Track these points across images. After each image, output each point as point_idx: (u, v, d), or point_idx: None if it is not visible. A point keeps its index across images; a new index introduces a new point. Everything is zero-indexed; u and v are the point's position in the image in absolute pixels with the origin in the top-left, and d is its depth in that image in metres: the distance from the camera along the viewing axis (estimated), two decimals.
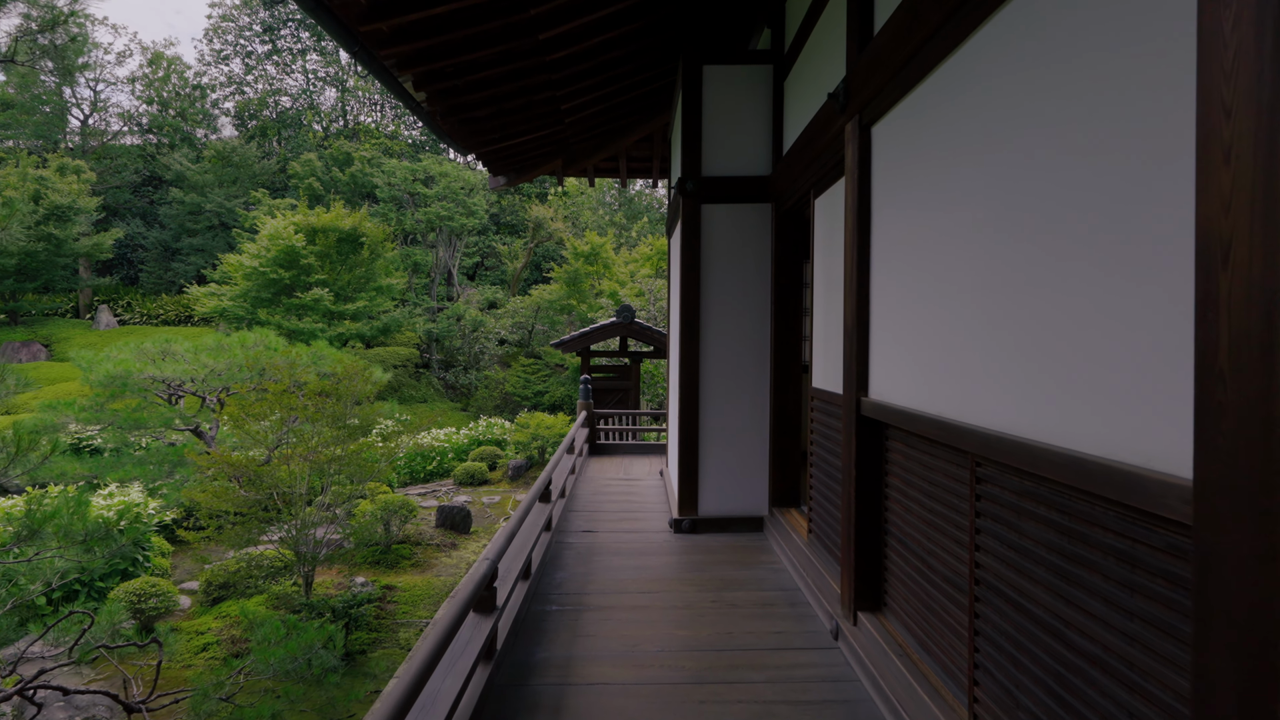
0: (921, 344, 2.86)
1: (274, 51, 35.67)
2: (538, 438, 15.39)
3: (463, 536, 10.79)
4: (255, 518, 6.62)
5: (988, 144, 2.32)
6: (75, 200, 25.00)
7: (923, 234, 2.86)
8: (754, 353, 5.86)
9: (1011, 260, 2.18)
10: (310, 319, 19.41)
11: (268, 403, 6.73)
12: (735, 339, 5.85)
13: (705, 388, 5.85)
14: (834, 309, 4.17)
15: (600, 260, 23.94)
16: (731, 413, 5.86)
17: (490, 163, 8.98)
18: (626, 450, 10.38)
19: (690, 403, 5.84)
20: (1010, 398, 2.17)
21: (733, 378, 5.86)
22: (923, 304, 2.84)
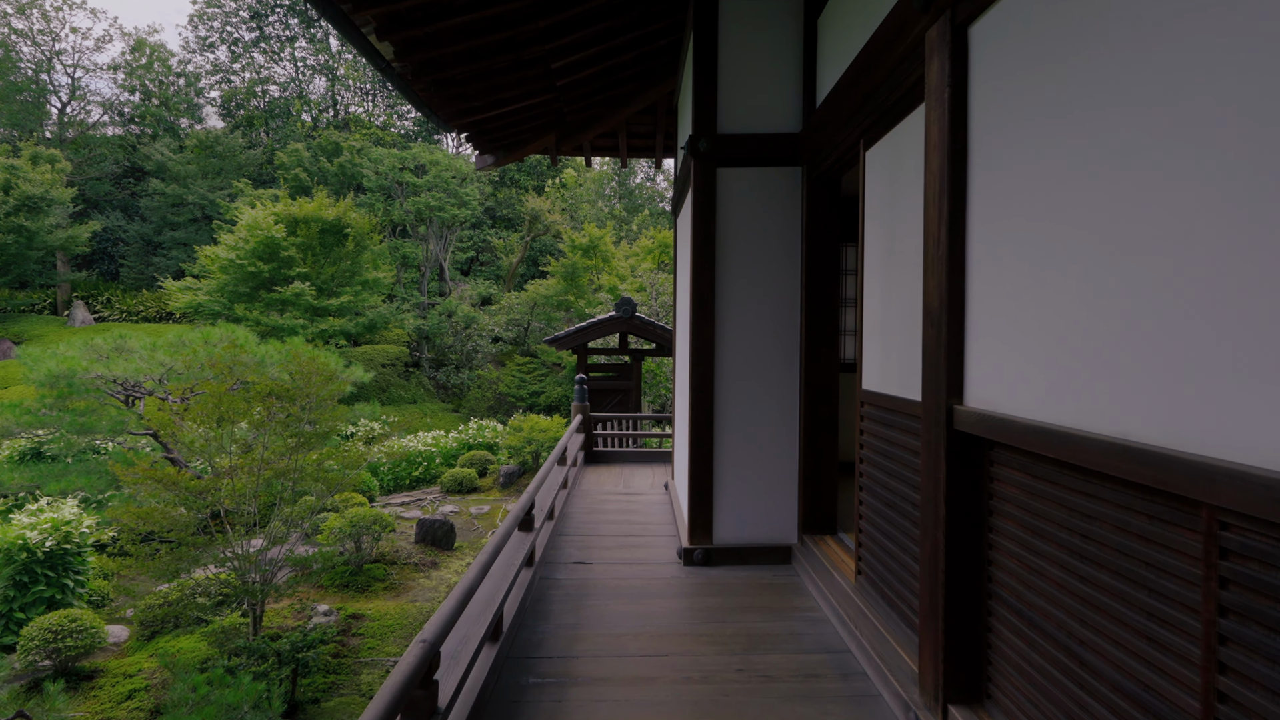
0: (1073, 327, 1.90)
1: (261, 38, 34.70)
2: (531, 442, 14.45)
3: (445, 553, 9.84)
4: (187, 543, 5.65)
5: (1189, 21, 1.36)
6: (48, 190, 24.02)
7: (1071, 171, 1.90)
8: (780, 347, 4.91)
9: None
10: (290, 315, 18.44)
11: (205, 406, 5.79)
12: (757, 331, 4.90)
13: (721, 390, 4.90)
14: (900, 289, 3.21)
15: (599, 253, 22.98)
16: (753, 419, 4.90)
17: (476, 138, 8.04)
18: (627, 459, 9.42)
19: (703, 408, 4.89)
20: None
21: (754, 378, 4.90)
22: (1076, 271, 1.89)
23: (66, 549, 7.02)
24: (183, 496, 5.48)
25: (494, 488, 14.51)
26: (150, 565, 5.66)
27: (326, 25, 34.94)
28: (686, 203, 5.71)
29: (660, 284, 18.82)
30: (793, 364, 4.91)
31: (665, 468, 8.95)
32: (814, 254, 4.80)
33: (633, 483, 7.98)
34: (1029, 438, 2.09)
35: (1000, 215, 2.30)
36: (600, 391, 12.53)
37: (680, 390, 6.48)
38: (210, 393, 5.82)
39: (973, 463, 2.49)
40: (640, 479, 8.19)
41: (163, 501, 5.68)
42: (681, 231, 6.55)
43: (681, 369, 6.36)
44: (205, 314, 19.12)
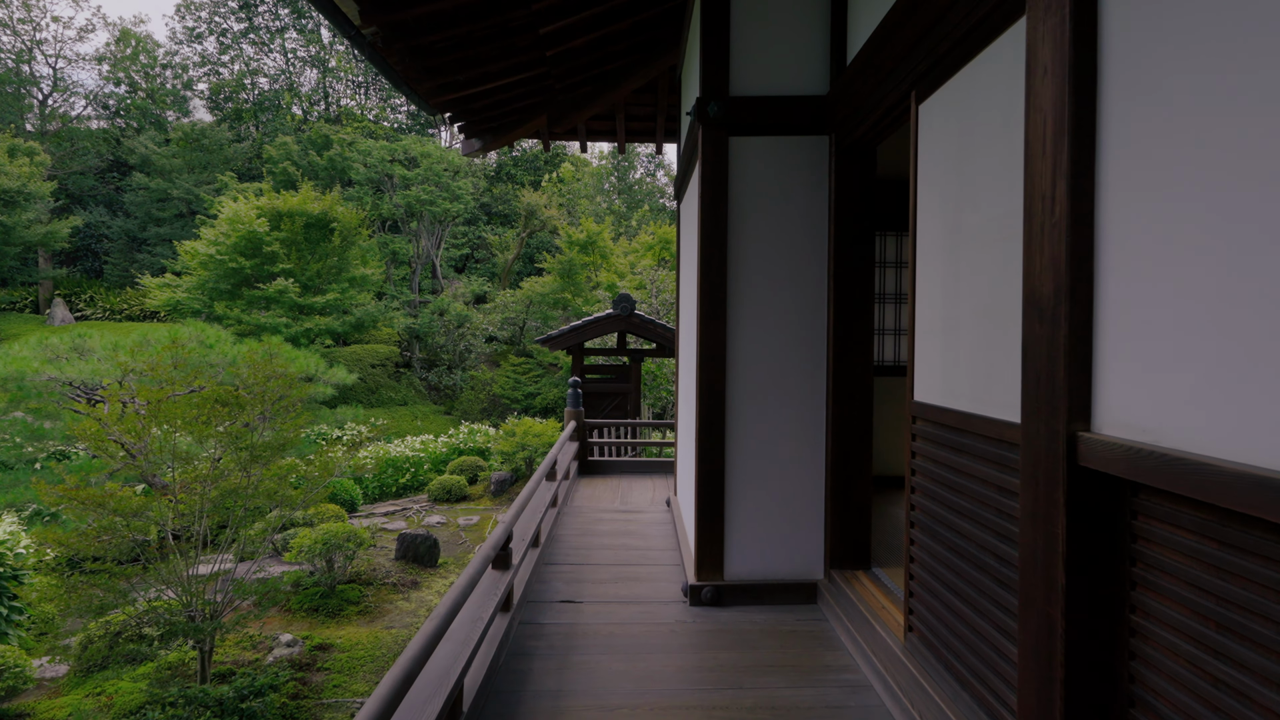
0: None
1: (251, 29, 33.98)
2: (525, 447, 13.75)
3: (427, 571, 9.12)
4: (115, 572, 4.94)
5: None
6: (25, 184, 23.29)
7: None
8: (802, 348, 4.20)
9: None
10: (273, 313, 17.72)
11: (141, 416, 5.07)
12: (776, 329, 4.19)
13: (734, 396, 4.19)
14: (975, 275, 2.50)
15: (597, 250, 22.27)
16: (771, 430, 4.19)
17: (461, 118, 7.34)
18: (625, 469, 8.71)
19: (712, 417, 4.18)
20: None
21: (772, 383, 4.19)
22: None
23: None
24: (108, 520, 4.77)
25: (484, 496, 13.80)
26: (73, 598, 4.94)
27: (318, 16, 34.23)
28: (693, 181, 5.00)
29: (661, 281, 18.11)
30: (818, 366, 4.19)
31: (667, 480, 8.24)
32: (844, 240, 4.09)
33: (631, 498, 7.27)
34: (1211, 483, 1.39)
35: (1157, 157, 1.59)
36: (597, 395, 11.82)
37: (685, 395, 5.78)
38: (148, 399, 5.10)
39: (1108, 514, 1.78)
40: (639, 493, 7.48)
41: (93, 523, 4.96)
42: (686, 216, 5.84)
43: (686, 372, 5.65)
44: (185, 312, 18.40)
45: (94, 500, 4.83)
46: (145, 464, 5.06)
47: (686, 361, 5.74)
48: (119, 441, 5.16)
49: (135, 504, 4.99)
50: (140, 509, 4.99)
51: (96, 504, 4.84)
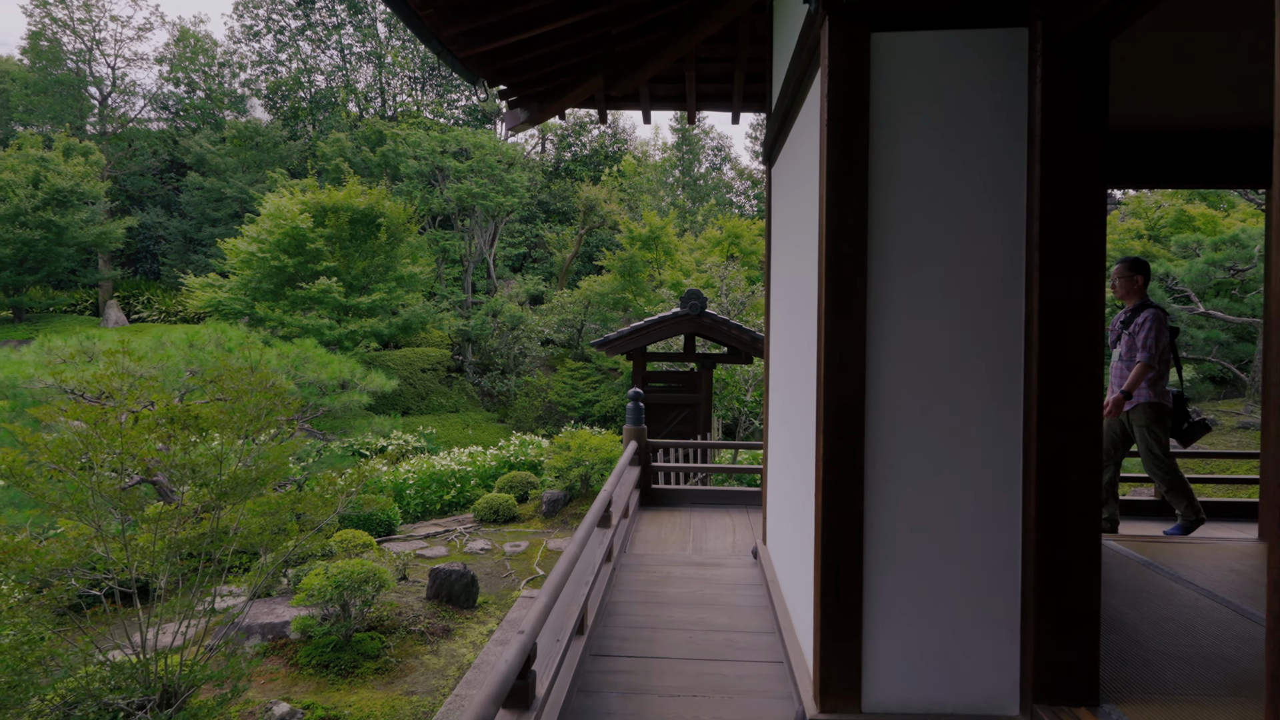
0: None
1: (307, 26, 33.84)
2: (580, 463, 12.49)
3: (462, 615, 7.90)
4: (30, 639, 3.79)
5: None
6: (79, 184, 23.22)
7: None
8: (982, 351, 2.76)
9: None
10: (316, 314, 16.91)
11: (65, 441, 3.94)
12: (942, 324, 2.77)
13: (876, 424, 2.78)
14: None
15: (660, 245, 20.94)
16: (933, 478, 2.77)
17: (502, 78, 6.09)
18: (696, 501, 7.31)
19: (844, 456, 2.78)
20: None
21: (937, 407, 2.77)
22: None
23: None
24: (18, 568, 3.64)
25: (535, 516, 12.59)
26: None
27: (375, 10, 33.93)
28: (806, 114, 3.59)
29: (731, 278, 16.67)
30: (1010, 378, 2.75)
31: (749, 517, 6.81)
32: (1057, 187, 2.64)
33: (707, 541, 5.88)
34: None
35: None
36: (660, 406, 10.47)
37: (780, 414, 4.37)
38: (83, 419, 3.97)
39: None
40: (716, 535, 6.08)
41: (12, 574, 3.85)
42: (786, 178, 4.42)
43: (781, 384, 4.25)
44: (227, 313, 17.79)
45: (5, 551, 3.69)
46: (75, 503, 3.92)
47: (781, 370, 4.34)
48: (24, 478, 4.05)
49: (56, 557, 3.84)
50: (63, 564, 3.84)
51: (9, 554, 3.71)
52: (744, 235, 21.73)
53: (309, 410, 11.71)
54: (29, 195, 22.10)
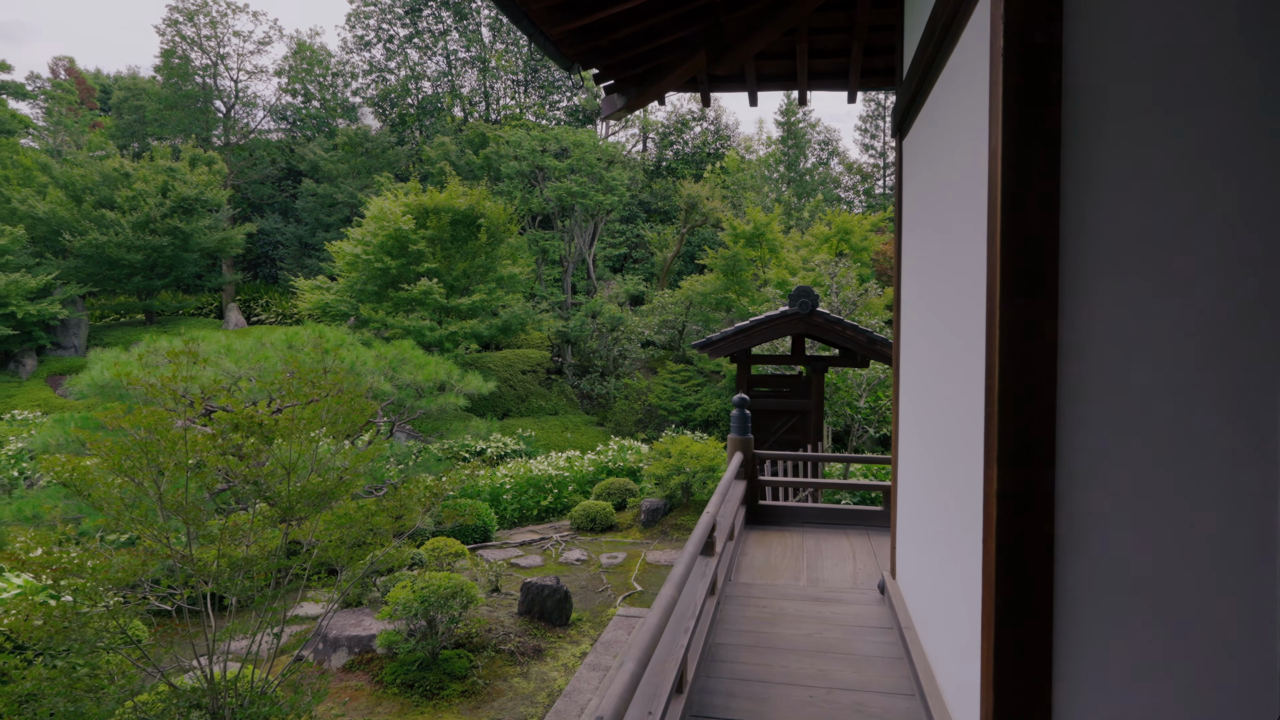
0: None
1: (415, 34, 34.74)
2: (680, 471, 11.98)
3: (555, 633, 7.48)
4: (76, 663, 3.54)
5: None
6: (203, 192, 24.45)
7: None
8: (1248, 355, 2.03)
9: None
10: (417, 316, 17.05)
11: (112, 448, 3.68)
12: (1188, 311, 2.05)
13: (1073, 458, 2.10)
14: None
15: (765, 243, 20.16)
16: (1155, 517, 2.06)
17: (597, 60, 5.63)
18: (808, 519, 6.63)
19: (1027, 489, 2.11)
20: None
21: (1176, 427, 2.05)
22: None
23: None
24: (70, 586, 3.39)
25: (634, 526, 12.14)
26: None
27: (479, 15, 34.53)
28: (961, 52, 2.90)
29: (842, 276, 15.75)
30: (1269, 402, 2.01)
31: (870, 540, 6.08)
32: None
33: (822, 569, 5.21)
34: None
35: None
36: (766, 413, 9.79)
37: (918, 429, 3.69)
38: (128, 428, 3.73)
39: None
40: (834, 562, 5.40)
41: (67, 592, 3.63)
42: (933, 138, 3.72)
43: (921, 393, 3.56)
44: (333, 315, 18.21)
45: (59, 567, 3.46)
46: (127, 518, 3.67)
47: (918, 375, 3.66)
48: (86, 486, 3.82)
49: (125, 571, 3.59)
50: (120, 581, 3.58)
51: (63, 569, 3.47)
52: (854, 231, 20.68)
53: (406, 412, 11.65)
54: (158, 204, 23.40)
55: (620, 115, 6.56)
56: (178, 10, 29.50)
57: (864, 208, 33.98)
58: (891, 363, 5.64)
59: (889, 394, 13.61)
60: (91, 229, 22.61)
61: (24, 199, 22.44)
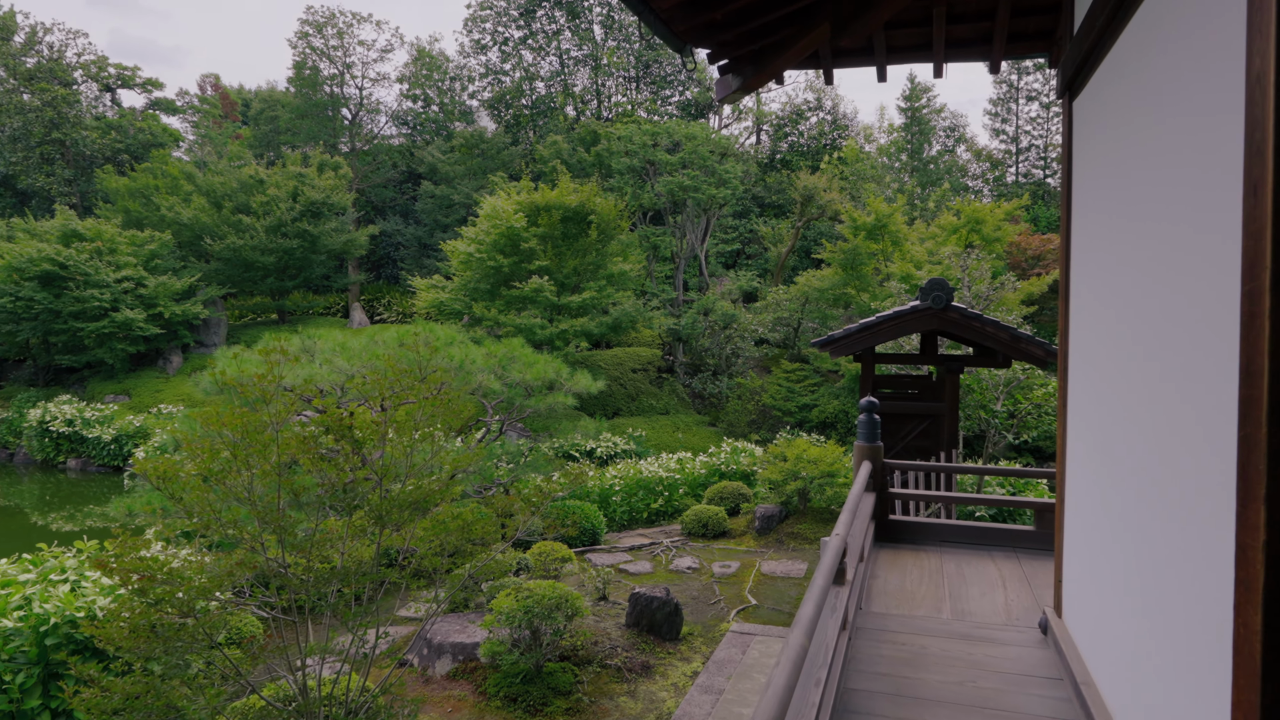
0: None
1: (529, 35, 35.28)
2: (797, 475, 11.36)
3: (664, 648, 7.09)
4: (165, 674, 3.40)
5: None
6: (329, 196, 25.57)
7: None
8: None
9: None
10: (529, 314, 17.08)
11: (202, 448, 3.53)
12: None
13: None
14: None
15: (887, 235, 19.13)
16: None
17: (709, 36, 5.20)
18: (946, 538, 5.95)
19: None
20: None
21: None
22: None
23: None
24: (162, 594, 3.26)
25: (747, 533, 11.61)
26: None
27: (592, 14, 34.71)
28: None
29: (974, 268, 14.65)
30: None
31: (1021, 565, 5.36)
32: None
33: (967, 599, 4.58)
34: None
35: None
36: (892, 417, 9.07)
37: (1101, 445, 3.06)
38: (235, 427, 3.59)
39: None
40: (980, 591, 4.75)
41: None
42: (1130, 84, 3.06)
43: (1107, 400, 2.93)
44: (447, 313, 18.53)
45: (144, 572, 3.33)
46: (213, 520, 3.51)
47: (1103, 379, 3.03)
48: (174, 488, 3.70)
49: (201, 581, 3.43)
50: (209, 586, 3.42)
51: (150, 575, 3.34)
52: (986, 221, 19.30)
53: (515, 411, 11.56)
54: (289, 208, 24.61)
55: (735, 98, 6.08)
56: (308, 24, 31.01)
57: (993, 197, 31.97)
58: (1044, 364, 4.92)
59: (1030, 397, 12.50)
60: (230, 233, 24.03)
61: (171, 206, 24.07)
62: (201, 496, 3.64)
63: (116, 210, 24.80)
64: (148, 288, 21.95)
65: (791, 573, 9.70)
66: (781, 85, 6.47)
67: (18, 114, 26.86)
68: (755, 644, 7.07)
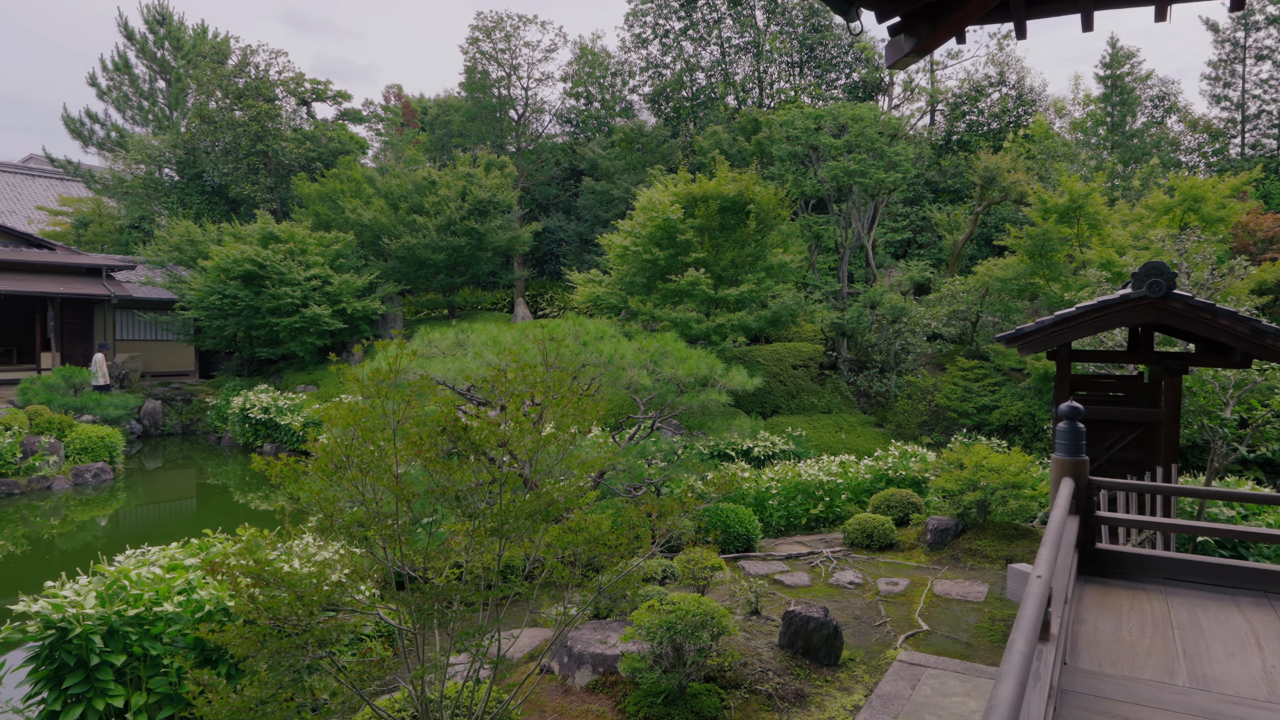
0: None
1: (690, 26, 34.92)
2: (975, 486, 10.25)
3: (821, 674, 6.43)
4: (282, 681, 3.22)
5: None
6: (495, 194, 26.42)
7: None
8: None
9: None
10: (685, 307, 16.69)
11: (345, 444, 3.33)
12: None
13: None
14: None
15: (1084, 217, 17.12)
16: None
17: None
18: (1168, 573, 4.91)
19: None
20: None
21: None
22: None
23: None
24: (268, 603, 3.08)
25: (918, 546, 10.63)
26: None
27: (752, 1, 33.86)
28: None
29: (1194, 253, 12.70)
30: None
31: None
32: None
33: (1209, 659, 3.65)
34: None
35: None
36: (1093, 424, 7.87)
37: None
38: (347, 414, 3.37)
39: None
40: (1226, 649, 3.78)
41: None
42: None
43: None
44: (603, 307, 18.50)
45: (256, 575, 3.16)
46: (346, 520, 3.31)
47: None
48: (294, 489, 3.52)
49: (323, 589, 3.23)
50: (328, 594, 3.21)
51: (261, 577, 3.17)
52: (1206, 198, 16.82)
53: (667, 408, 11.18)
54: (458, 207, 25.66)
55: (908, 62, 5.30)
56: (478, 29, 32.23)
57: (1213, 172, 28.14)
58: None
59: (1270, 402, 10.63)
60: (405, 232, 25.38)
61: (353, 209, 25.74)
62: (319, 495, 3.45)
63: (308, 214, 26.84)
64: (333, 285, 23.57)
65: (969, 595, 8.70)
66: (962, 43, 5.58)
67: (229, 129, 29.70)
68: (927, 679, 6.26)
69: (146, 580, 5.66)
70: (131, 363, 25.76)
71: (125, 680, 5.21)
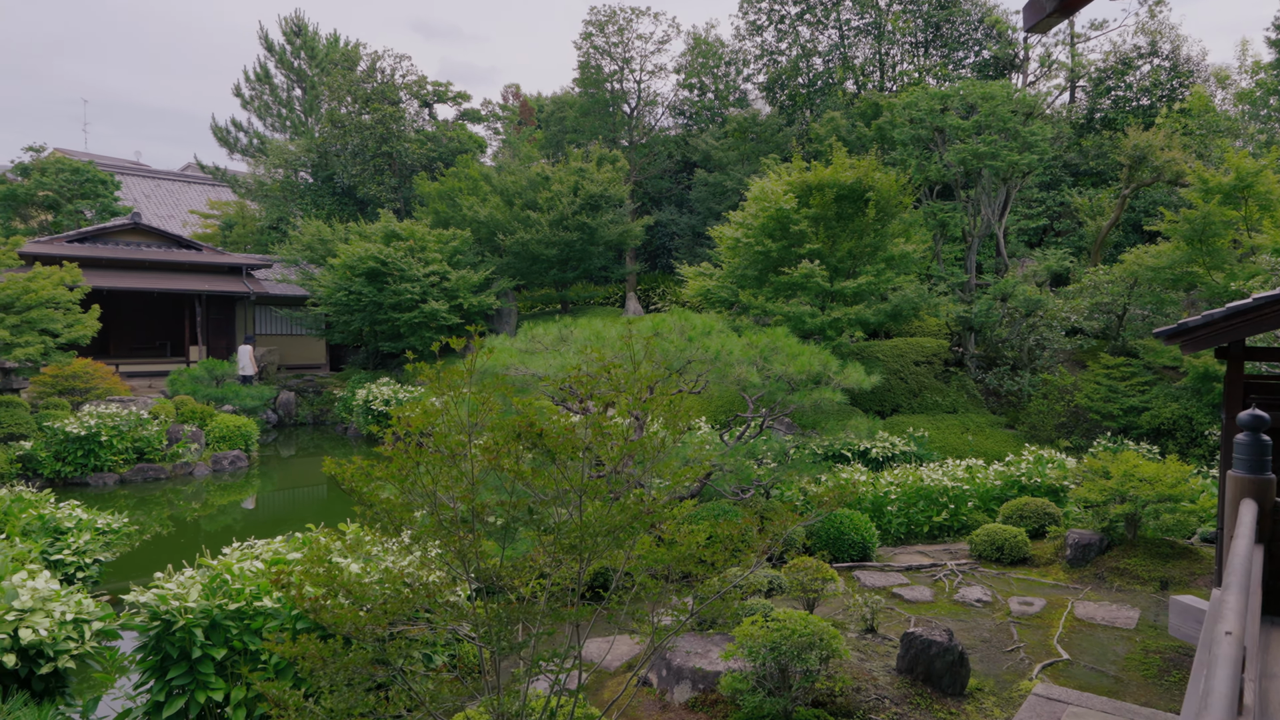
0: None
1: (806, 10, 33.79)
2: (1123, 497, 9.24)
3: (943, 705, 5.82)
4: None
5: None
6: (606, 189, 26.41)
7: None
8: None
9: None
10: (798, 300, 16.01)
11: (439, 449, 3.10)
12: None
13: None
14: None
15: (1253, 197, 15.29)
16: None
17: None
18: None
19: None
20: None
21: None
22: None
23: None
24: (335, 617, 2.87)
25: (1055, 562, 9.71)
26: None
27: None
28: None
29: None
30: None
31: None
32: None
33: None
34: None
35: None
36: (1274, 434, 6.81)
37: None
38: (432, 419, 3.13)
39: None
40: None
41: None
42: None
43: None
44: (714, 300, 18.05)
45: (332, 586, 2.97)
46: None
47: None
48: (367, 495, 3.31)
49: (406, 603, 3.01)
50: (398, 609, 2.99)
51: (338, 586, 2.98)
52: None
53: (777, 407, 10.66)
54: (570, 202, 25.79)
55: (1050, 23, 4.61)
56: (591, 24, 32.31)
57: None
58: None
59: None
60: (519, 228, 25.73)
61: (470, 206, 26.32)
62: (386, 504, 3.23)
63: (428, 211, 27.66)
64: (450, 280, 24.18)
65: (1117, 620, 7.81)
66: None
67: (357, 132, 31.02)
68: (1068, 718, 5.56)
69: (249, 574, 5.71)
70: (269, 356, 27.37)
71: (226, 674, 5.26)
